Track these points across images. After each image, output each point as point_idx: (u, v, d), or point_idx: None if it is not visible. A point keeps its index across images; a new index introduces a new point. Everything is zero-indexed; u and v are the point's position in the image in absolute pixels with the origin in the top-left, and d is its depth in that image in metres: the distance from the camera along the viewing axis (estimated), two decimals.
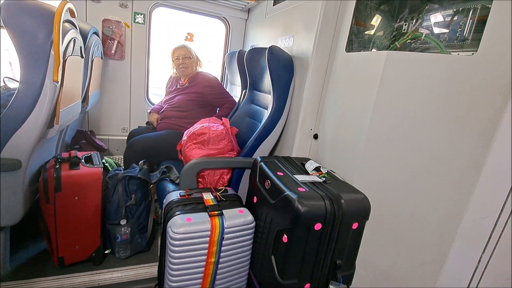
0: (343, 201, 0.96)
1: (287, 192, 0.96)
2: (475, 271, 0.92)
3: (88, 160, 1.42)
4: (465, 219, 0.87)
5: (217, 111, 2.16)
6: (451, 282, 0.94)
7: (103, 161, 1.64)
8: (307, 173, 1.16)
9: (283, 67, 1.45)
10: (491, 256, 0.90)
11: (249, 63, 1.73)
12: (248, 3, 2.36)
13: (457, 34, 0.91)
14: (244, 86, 2.00)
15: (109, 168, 1.65)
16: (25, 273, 1.29)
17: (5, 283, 1.23)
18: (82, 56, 1.44)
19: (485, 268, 0.92)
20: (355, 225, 1.00)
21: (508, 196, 0.84)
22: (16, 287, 1.22)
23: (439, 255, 0.94)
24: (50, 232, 1.29)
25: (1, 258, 1.25)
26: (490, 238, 0.88)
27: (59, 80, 1.10)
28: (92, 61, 1.76)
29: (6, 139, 1.07)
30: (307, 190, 0.99)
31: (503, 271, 0.95)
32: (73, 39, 1.23)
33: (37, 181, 1.29)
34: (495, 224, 0.87)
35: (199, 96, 2.04)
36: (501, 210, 0.85)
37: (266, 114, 1.50)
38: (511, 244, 0.90)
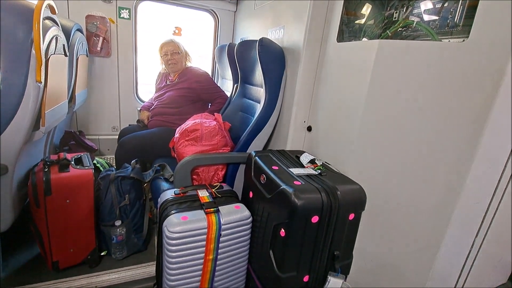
0: (339, 192, 0.96)
1: (283, 186, 0.96)
2: (468, 255, 0.94)
3: (78, 161, 1.38)
4: (458, 205, 0.88)
5: (209, 106, 2.13)
6: (445, 267, 0.96)
7: (94, 161, 1.60)
8: (302, 166, 1.16)
9: (274, 60, 1.43)
10: (483, 240, 0.92)
11: (239, 56, 1.70)
12: None
13: (448, 21, 0.90)
14: (235, 80, 1.98)
15: (101, 168, 1.62)
16: (18, 279, 1.26)
17: None
18: (65, 55, 1.39)
19: (478, 251, 0.94)
20: (351, 216, 1.01)
21: (499, 181, 0.86)
22: None
23: (433, 241, 0.95)
24: (42, 237, 1.26)
25: None
26: (482, 222, 0.90)
27: (43, 80, 1.06)
28: (77, 59, 1.70)
29: None
30: (303, 183, 0.99)
31: (495, 254, 0.98)
32: (55, 37, 1.18)
33: (26, 185, 1.25)
34: (487, 209, 0.88)
35: (189, 91, 2.00)
36: (493, 195, 0.87)
37: (258, 108, 1.49)
38: (508, 227, 0.92)
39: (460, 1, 0.87)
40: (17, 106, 1.02)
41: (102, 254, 1.44)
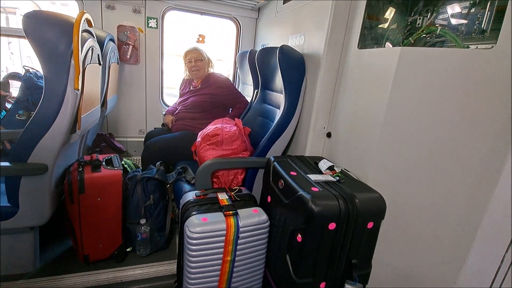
0: (357, 200, 0.96)
1: (301, 192, 0.97)
2: (498, 271, 0.90)
3: (109, 162, 1.48)
4: (485, 217, 0.85)
5: (230, 111, 2.19)
6: (472, 282, 0.91)
7: (122, 162, 1.70)
8: (320, 172, 1.16)
9: (294, 66, 1.44)
10: None
11: (260, 63, 1.74)
12: (258, 2, 2.36)
13: (475, 27, 0.87)
14: (256, 86, 2.01)
15: (128, 169, 1.71)
16: (53, 270, 1.37)
17: (35, 279, 1.31)
18: (100, 64, 1.50)
19: (509, 267, 0.89)
20: (370, 225, 0.99)
21: None
22: (45, 283, 1.30)
23: (459, 254, 0.91)
24: (75, 231, 1.36)
25: (31, 256, 1.34)
26: None
27: (80, 87, 1.15)
28: (109, 67, 1.83)
29: (33, 145, 1.14)
30: (321, 189, 0.99)
31: None
32: (91, 48, 1.29)
33: (62, 183, 1.36)
34: None
35: (211, 97, 2.07)
36: None
37: (278, 113, 1.51)
38: None
39: (488, 5, 0.84)
40: (57, 111, 1.12)
41: (128, 250, 1.52)
